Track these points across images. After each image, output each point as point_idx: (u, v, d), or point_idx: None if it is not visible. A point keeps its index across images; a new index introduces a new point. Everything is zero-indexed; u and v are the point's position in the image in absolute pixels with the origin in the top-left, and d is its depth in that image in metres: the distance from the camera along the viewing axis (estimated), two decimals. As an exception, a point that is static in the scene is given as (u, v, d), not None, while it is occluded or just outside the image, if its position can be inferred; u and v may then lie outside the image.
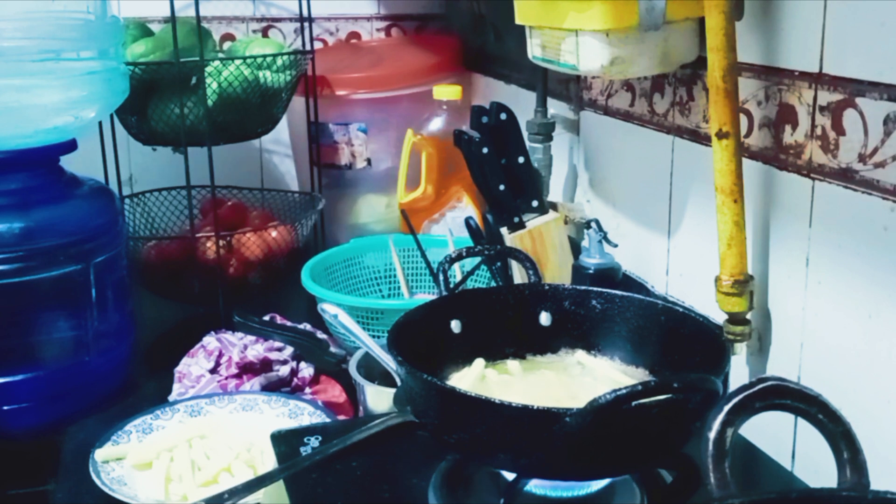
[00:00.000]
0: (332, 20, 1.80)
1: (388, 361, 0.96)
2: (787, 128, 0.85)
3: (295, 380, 1.12)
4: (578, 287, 0.91)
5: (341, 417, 1.05)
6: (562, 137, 1.32)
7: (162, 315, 1.42)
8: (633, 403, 0.64)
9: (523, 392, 0.84)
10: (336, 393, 1.11)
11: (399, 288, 1.35)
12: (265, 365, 1.12)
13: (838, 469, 0.53)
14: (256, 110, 1.44)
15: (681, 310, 0.86)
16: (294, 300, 1.36)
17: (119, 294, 1.17)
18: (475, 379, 0.85)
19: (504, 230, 1.17)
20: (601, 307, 0.89)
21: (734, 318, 0.88)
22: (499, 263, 1.18)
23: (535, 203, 1.20)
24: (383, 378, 0.98)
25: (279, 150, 1.81)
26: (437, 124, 1.46)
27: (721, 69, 0.82)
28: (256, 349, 1.13)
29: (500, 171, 1.17)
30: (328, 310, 1.07)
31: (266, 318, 1.22)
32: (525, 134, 1.24)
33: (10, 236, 1.06)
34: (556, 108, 1.33)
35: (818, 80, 0.81)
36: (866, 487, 0.52)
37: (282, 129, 1.68)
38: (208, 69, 1.35)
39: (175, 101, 1.34)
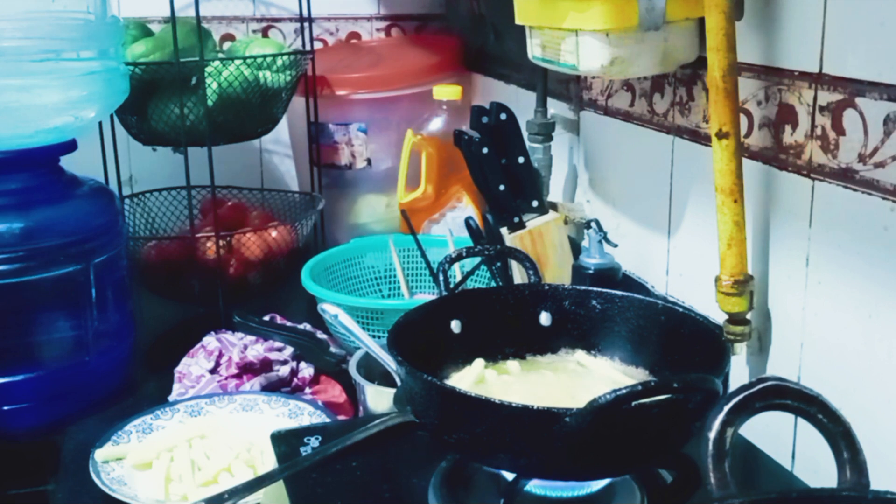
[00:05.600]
0: (332, 20, 1.81)
1: (388, 361, 0.96)
2: (787, 128, 0.85)
3: (295, 380, 1.12)
4: (578, 287, 0.91)
5: (341, 417, 1.05)
6: (562, 137, 1.32)
7: (162, 315, 1.42)
8: (633, 403, 0.64)
9: (523, 392, 0.83)
10: (336, 393, 1.11)
11: (399, 288, 1.35)
12: (265, 365, 1.12)
13: (838, 469, 0.53)
14: (256, 110, 1.44)
15: (681, 310, 0.86)
16: (294, 300, 1.36)
17: (119, 294, 1.17)
18: (475, 379, 0.85)
19: (504, 230, 1.17)
20: (601, 307, 0.89)
21: (734, 318, 0.88)
22: (499, 263, 1.18)
23: (535, 203, 1.19)
24: (383, 378, 0.98)
25: (279, 150, 1.81)
26: (437, 124, 1.46)
27: (721, 69, 0.82)
28: (256, 349, 1.13)
29: (500, 171, 1.17)
30: (328, 310, 1.07)
31: (266, 318, 1.22)
32: (525, 134, 1.24)
33: (10, 236, 1.06)
34: (556, 108, 1.33)
35: (818, 80, 0.81)
36: (866, 487, 0.52)
37: (282, 129, 1.68)
38: (208, 69, 1.35)
39: (175, 101, 1.34)
